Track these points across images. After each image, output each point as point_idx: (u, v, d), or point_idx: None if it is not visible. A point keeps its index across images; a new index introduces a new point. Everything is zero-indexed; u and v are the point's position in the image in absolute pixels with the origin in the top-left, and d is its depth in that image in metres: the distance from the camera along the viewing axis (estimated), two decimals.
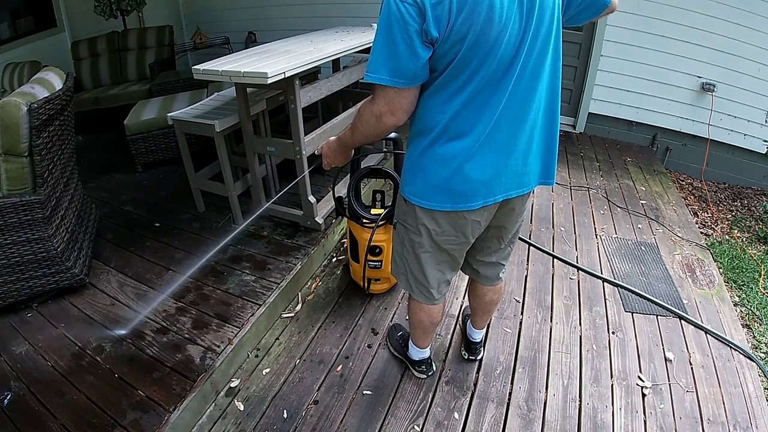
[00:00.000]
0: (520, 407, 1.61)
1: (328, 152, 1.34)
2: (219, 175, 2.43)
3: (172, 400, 1.48)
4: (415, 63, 0.92)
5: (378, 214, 1.86)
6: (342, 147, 1.29)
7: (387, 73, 0.93)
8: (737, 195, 3.62)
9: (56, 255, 1.85)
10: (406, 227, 1.27)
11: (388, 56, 0.92)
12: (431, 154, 1.08)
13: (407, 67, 0.92)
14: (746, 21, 3.26)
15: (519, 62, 0.96)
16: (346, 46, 2.29)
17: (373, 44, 0.94)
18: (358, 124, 1.11)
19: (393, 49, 0.91)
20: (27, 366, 1.64)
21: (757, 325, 2.16)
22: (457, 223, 1.17)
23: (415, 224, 1.22)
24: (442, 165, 1.07)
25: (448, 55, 0.93)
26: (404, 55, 0.90)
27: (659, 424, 1.55)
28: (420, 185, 1.13)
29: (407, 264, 1.34)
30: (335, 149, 1.32)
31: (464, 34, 0.89)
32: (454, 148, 1.05)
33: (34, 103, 1.67)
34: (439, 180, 1.09)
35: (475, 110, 1.01)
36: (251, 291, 1.98)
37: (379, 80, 0.94)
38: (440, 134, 1.05)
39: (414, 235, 1.25)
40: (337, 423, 1.55)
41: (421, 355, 1.67)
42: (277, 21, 4.93)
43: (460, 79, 0.97)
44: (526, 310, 2.05)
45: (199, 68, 1.90)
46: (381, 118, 1.01)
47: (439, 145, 1.06)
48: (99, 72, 4.44)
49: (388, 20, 0.89)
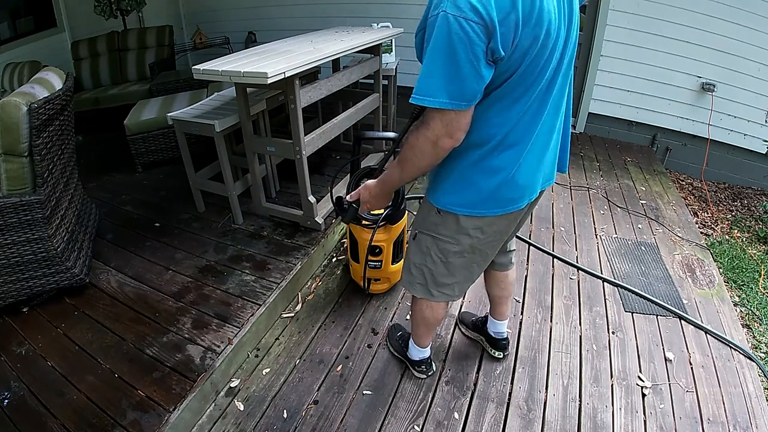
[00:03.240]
0: (520, 407, 1.61)
1: (369, 198, 1.24)
2: (219, 175, 2.43)
3: (172, 400, 1.48)
4: (479, 84, 0.87)
5: (378, 215, 1.86)
6: (387, 189, 1.20)
7: (447, 96, 0.86)
8: (737, 195, 3.61)
9: (56, 255, 1.85)
10: (434, 237, 1.22)
11: (450, 78, 0.85)
12: (484, 167, 1.05)
13: (471, 88, 0.87)
14: (746, 21, 3.26)
15: (561, 71, 0.98)
16: (346, 46, 2.29)
17: (425, 65, 0.87)
18: (410, 157, 1.02)
19: (456, 71, 0.84)
20: (27, 366, 1.64)
21: (757, 325, 2.16)
22: (503, 223, 1.17)
23: (451, 233, 1.18)
24: (494, 176, 1.05)
25: (509, 70, 0.90)
26: (468, 76, 0.85)
27: (659, 424, 1.55)
28: (468, 196, 1.10)
29: (430, 273, 1.30)
30: (377, 194, 1.22)
31: (527, 48, 0.87)
32: (507, 158, 1.03)
33: (34, 103, 1.67)
34: (490, 190, 1.07)
35: (528, 121, 1.00)
36: (251, 291, 1.98)
37: (438, 104, 0.87)
38: (495, 146, 1.02)
39: (448, 244, 1.20)
40: (337, 423, 1.55)
41: (422, 355, 1.67)
42: (277, 21, 4.93)
43: (517, 91, 0.95)
44: (526, 310, 2.04)
45: (199, 68, 1.90)
46: (438, 144, 0.94)
47: (493, 157, 1.03)
48: (99, 72, 4.44)
49: (448, 39, 0.82)
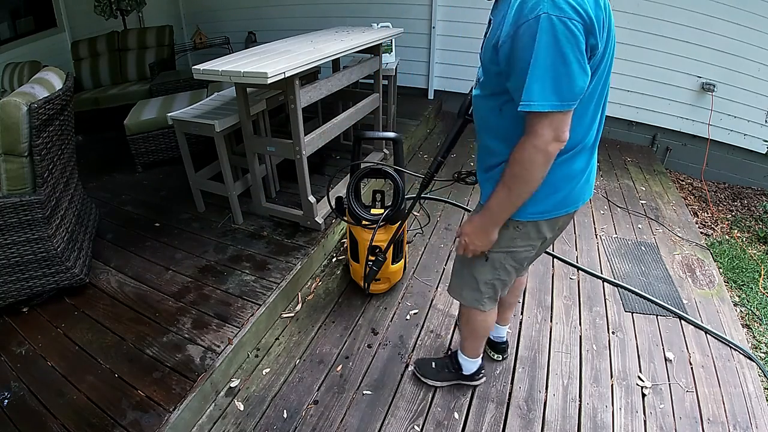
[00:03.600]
0: (520, 407, 1.61)
1: (475, 237, 1.14)
2: (219, 175, 2.43)
3: (172, 400, 1.48)
4: (586, 80, 0.87)
5: (378, 215, 1.86)
6: (496, 219, 1.09)
7: (557, 98, 0.86)
8: (737, 195, 3.61)
9: (56, 255, 1.85)
10: (510, 251, 1.20)
11: (559, 78, 0.84)
12: (568, 171, 1.06)
13: (580, 86, 0.86)
14: (746, 21, 3.26)
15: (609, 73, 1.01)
16: (346, 46, 2.29)
17: (532, 70, 0.84)
18: (519, 173, 0.97)
19: (565, 70, 0.84)
20: (27, 366, 1.64)
21: (757, 325, 2.16)
22: (569, 218, 1.20)
23: (530, 241, 1.17)
24: (576, 178, 1.09)
25: (593, 70, 0.92)
26: (577, 73, 0.85)
27: (659, 424, 1.55)
28: (551, 202, 1.10)
29: (502, 284, 1.30)
30: (485, 229, 1.11)
31: (604, 49, 0.90)
32: (584, 160, 1.08)
33: (34, 103, 1.67)
34: (569, 191, 1.10)
35: (596, 121, 1.03)
36: (251, 291, 1.98)
37: (550, 107, 0.86)
38: (579, 150, 1.04)
39: (525, 252, 1.20)
40: (337, 423, 1.55)
41: (479, 363, 1.64)
42: (277, 21, 4.93)
43: (593, 93, 0.97)
44: (526, 310, 2.04)
45: (199, 68, 1.90)
46: (548, 150, 0.91)
47: (575, 160, 1.05)
48: (99, 72, 4.44)
49: (554, 39, 0.81)
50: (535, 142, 0.91)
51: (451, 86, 4.43)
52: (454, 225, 2.68)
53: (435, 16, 4.14)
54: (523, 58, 0.85)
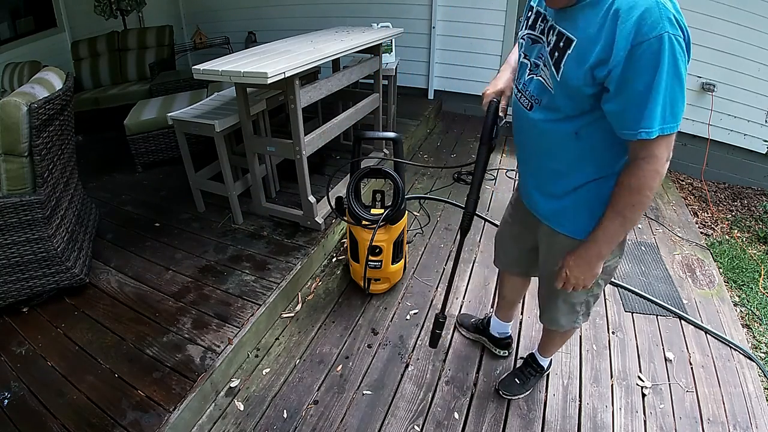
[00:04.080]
0: (520, 407, 1.61)
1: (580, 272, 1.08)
2: (219, 175, 2.43)
3: (172, 400, 1.48)
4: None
5: (378, 215, 1.86)
6: (605, 253, 1.04)
7: (676, 120, 0.83)
8: (737, 195, 3.61)
9: (56, 255, 1.85)
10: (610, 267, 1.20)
11: (676, 99, 0.82)
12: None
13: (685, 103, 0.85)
14: (746, 21, 3.25)
15: None
16: (346, 46, 2.29)
17: (652, 90, 0.80)
18: (639, 202, 0.92)
19: (681, 89, 0.82)
20: (27, 366, 1.64)
21: (757, 325, 2.16)
22: None
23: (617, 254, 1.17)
24: None
25: None
26: (684, 91, 0.83)
27: (659, 424, 1.55)
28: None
29: (592, 301, 1.31)
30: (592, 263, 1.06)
31: None
32: None
33: (34, 103, 1.67)
34: None
35: None
36: (251, 291, 1.98)
37: (670, 130, 0.83)
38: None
39: (615, 263, 1.20)
40: (337, 423, 1.55)
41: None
42: (277, 21, 4.93)
43: None
44: (526, 310, 2.04)
45: (199, 68, 1.90)
46: (662, 173, 0.89)
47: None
48: (99, 72, 4.44)
49: (674, 60, 0.78)
50: (656, 167, 0.87)
51: (451, 86, 4.43)
52: (454, 225, 2.68)
53: (435, 16, 4.14)
54: (641, 80, 0.80)
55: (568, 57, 0.90)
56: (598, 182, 1.03)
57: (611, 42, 0.81)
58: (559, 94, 0.96)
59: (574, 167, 1.04)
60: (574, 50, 0.89)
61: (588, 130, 0.97)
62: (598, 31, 0.84)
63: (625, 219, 0.96)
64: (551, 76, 0.95)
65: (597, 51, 0.84)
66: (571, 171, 1.06)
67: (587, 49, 0.86)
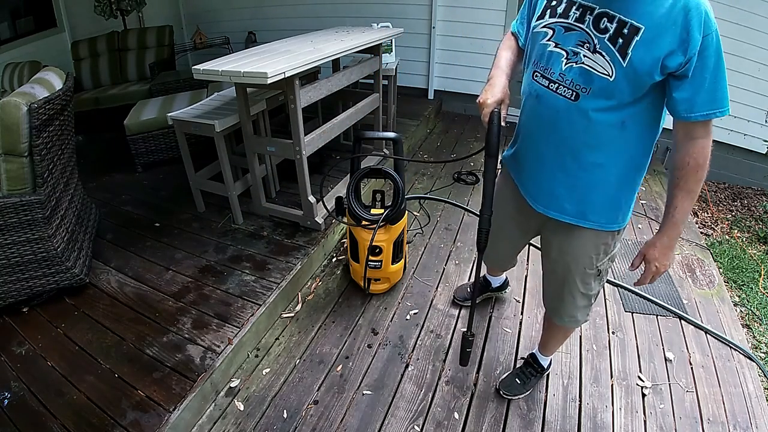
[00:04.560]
0: (520, 407, 1.61)
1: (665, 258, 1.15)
2: (219, 175, 2.43)
3: (172, 400, 1.48)
4: None
5: (378, 215, 1.86)
6: (680, 233, 1.12)
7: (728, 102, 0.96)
8: (737, 195, 3.61)
9: (56, 255, 1.85)
10: (611, 256, 1.27)
11: (726, 85, 0.94)
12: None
13: None
14: (746, 21, 3.25)
15: None
16: (346, 46, 2.29)
17: (719, 74, 0.92)
18: (701, 177, 1.03)
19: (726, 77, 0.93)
20: (27, 366, 1.64)
21: (757, 325, 2.16)
22: None
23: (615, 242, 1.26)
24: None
25: None
26: None
27: (659, 424, 1.55)
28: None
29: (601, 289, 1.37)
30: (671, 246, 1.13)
31: None
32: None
33: (34, 103, 1.67)
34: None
35: None
36: (251, 291, 1.98)
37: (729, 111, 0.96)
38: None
39: (614, 253, 1.27)
40: (337, 423, 1.55)
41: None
42: (277, 21, 4.93)
43: None
44: (526, 310, 2.05)
45: (199, 68, 1.90)
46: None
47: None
48: (99, 72, 4.44)
49: (721, 53, 0.91)
50: (710, 141, 1.00)
51: (451, 86, 4.43)
52: (454, 225, 2.68)
53: (435, 16, 4.14)
54: (709, 68, 0.90)
55: (637, 43, 0.93)
56: (628, 170, 1.11)
57: (686, 34, 0.88)
58: (622, 80, 0.97)
59: (614, 159, 1.08)
60: (642, 37, 0.92)
61: (635, 119, 1.02)
62: (666, 21, 0.89)
63: (695, 193, 1.05)
64: (613, 62, 0.96)
65: (669, 40, 0.90)
66: (610, 163, 1.09)
67: (657, 36, 0.91)
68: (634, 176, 1.12)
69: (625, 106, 1.00)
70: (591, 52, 0.99)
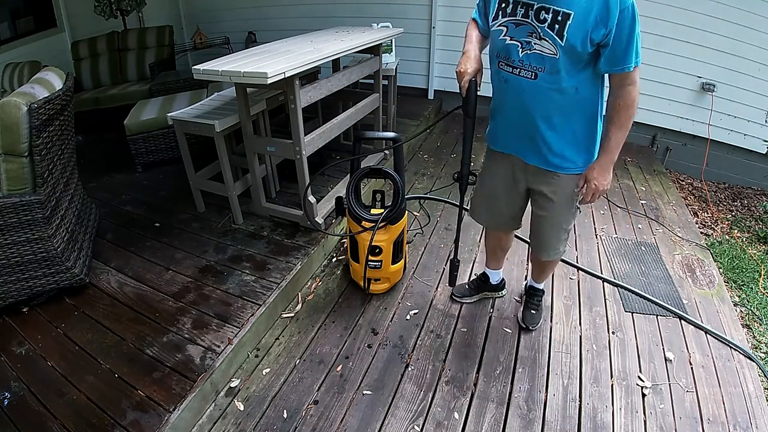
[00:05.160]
0: (520, 407, 1.61)
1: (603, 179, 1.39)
2: (219, 175, 2.43)
3: (172, 400, 1.48)
4: None
5: (378, 214, 1.86)
6: (615, 159, 1.37)
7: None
8: (737, 195, 3.61)
9: (56, 255, 1.85)
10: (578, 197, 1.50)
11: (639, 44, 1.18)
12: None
13: None
14: (746, 21, 3.26)
15: None
16: (346, 46, 2.29)
17: (632, 38, 1.16)
18: (632, 114, 1.28)
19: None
20: (27, 366, 1.64)
21: (757, 325, 2.16)
22: None
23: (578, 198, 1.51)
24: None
25: None
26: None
27: (659, 424, 1.55)
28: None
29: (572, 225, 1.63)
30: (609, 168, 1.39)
31: None
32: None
33: (34, 103, 1.67)
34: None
35: None
36: (251, 291, 1.98)
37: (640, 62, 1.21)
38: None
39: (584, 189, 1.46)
40: (337, 423, 1.55)
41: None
42: (277, 21, 4.93)
43: None
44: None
45: (199, 68, 1.90)
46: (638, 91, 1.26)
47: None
48: (99, 72, 4.44)
49: (637, 18, 1.15)
50: (637, 87, 1.24)
51: (451, 86, 4.43)
52: (454, 225, 2.67)
53: (435, 16, 4.14)
54: (625, 32, 1.15)
55: (570, 26, 1.17)
56: (588, 122, 1.37)
57: (606, 11, 1.12)
58: (564, 56, 1.22)
59: (577, 115, 1.35)
60: (573, 20, 1.16)
61: (584, 84, 1.29)
62: (591, 3, 1.14)
63: (626, 128, 1.31)
64: (555, 44, 1.21)
65: (593, 18, 1.14)
66: (574, 119, 1.35)
67: (584, 17, 1.15)
68: (594, 124, 1.38)
69: (574, 75, 1.26)
70: (538, 39, 1.24)
